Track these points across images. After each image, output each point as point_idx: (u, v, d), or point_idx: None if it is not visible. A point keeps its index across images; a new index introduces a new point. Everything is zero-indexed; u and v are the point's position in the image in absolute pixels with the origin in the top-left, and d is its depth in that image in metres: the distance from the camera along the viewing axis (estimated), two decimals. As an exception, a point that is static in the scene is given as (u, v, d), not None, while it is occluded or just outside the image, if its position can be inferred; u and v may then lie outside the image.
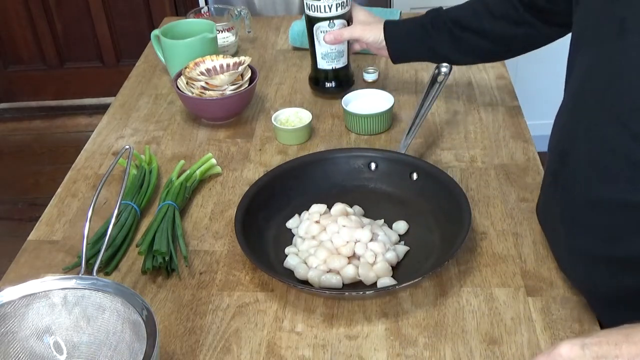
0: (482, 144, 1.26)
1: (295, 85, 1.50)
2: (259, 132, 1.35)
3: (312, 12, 1.17)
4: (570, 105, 0.90)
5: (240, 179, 1.22)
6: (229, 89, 1.33)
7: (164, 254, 1.01)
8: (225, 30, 1.60)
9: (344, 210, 1.06)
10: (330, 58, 1.21)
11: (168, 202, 1.10)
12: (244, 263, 1.03)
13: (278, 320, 0.93)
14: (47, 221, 1.15)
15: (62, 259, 1.07)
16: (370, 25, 1.26)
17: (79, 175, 1.26)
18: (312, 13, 1.17)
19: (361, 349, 0.89)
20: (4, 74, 3.19)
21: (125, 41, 3.06)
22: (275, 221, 1.09)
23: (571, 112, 0.89)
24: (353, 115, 1.30)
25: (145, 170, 1.19)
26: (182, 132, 1.36)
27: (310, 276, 0.97)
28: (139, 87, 1.54)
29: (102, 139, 1.36)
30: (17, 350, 0.84)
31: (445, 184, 1.08)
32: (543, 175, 1.00)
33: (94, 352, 0.85)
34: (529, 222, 1.07)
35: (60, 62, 3.15)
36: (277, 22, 1.80)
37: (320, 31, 1.18)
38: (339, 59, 1.23)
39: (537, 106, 2.15)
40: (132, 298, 0.82)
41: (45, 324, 0.85)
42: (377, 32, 1.25)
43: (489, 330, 0.90)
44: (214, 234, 1.10)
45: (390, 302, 0.95)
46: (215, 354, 0.89)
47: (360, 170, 1.16)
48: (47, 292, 0.84)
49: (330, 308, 0.95)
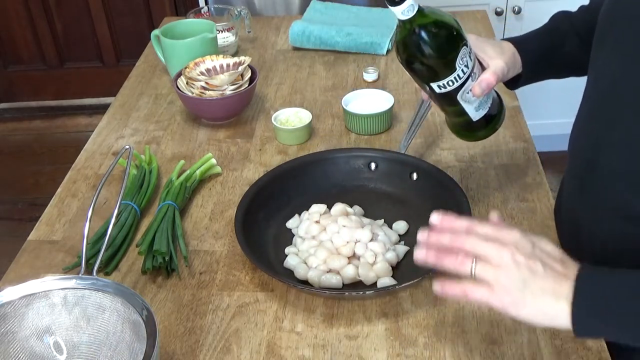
0: (482, 144, 1.26)
1: (295, 85, 1.50)
2: (259, 132, 1.35)
3: (451, 87, 0.92)
4: (597, 112, 0.88)
5: (240, 179, 1.22)
6: (229, 89, 1.33)
7: (164, 254, 1.01)
8: (225, 30, 1.60)
9: (344, 210, 1.06)
10: (484, 104, 0.98)
11: (168, 202, 1.10)
12: (244, 263, 1.03)
13: (278, 320, 0.93)
14: (47, 221, 1.15)
15: (62, 259, 1.07)
16: (503, 50, 1.00)
17: (79, 175, 1.26)
18: (451, 87, 0.93)
19: (361, 349, 0.89)
20: (4, 74, 3.19)
21: (125, 41, 3.06)
22: (275, 221, 1.09)
23: (599, 119, 0.87)
24: (353, 115, 1.30)
25: (145, 170, 1.19)
26: (182, 132, 1.36)
27: (310, 276, 0.97)
28: (139, 87, 1.54)
29: (102, 139, 1.36)
30: (17, 350, 0.84)
31: (445, 184, 1.08)
32: (564, 177, 0.99)
33: (94, 352, 0.85)
34: (529, 222, 1.07)
35: (60, 62, 3.15)
36: (277, 22, 1.80)
37: (467, 92, 0.95)
38: (489, 95, 0.99)
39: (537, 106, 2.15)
40: (132, 298, 0.82)
41: (45, 324, 0.85)
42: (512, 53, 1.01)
43: (489, 330, 0.90)
44: (214, 234, 1.10)
45: (390, 302, 0.95)
46: (215, 354, 0.89)
47: (360, 170, 1.16)
48: (47, 292, 0.84)
49: (330, 308, 0.95)
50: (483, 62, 0.97)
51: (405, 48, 0.91)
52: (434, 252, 0.75)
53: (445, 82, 0.92)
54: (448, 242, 0.74)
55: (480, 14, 1.75)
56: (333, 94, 1.45)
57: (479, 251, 0.72)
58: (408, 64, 0.93)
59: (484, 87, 0.94)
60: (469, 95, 0.95)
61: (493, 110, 1.00)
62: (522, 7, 2.36)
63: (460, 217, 0.77)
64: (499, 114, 1.02)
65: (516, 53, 1.01)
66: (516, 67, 1.01)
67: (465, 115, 0.98)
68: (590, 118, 0.90)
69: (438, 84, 0.92)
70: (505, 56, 0.98)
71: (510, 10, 2.37)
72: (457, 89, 0.93)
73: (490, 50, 0.98)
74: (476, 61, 0.95)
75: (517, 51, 1.01)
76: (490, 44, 0.99)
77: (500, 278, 0.70)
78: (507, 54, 0.99)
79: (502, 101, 1.03)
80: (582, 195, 0.91)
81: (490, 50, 0.98)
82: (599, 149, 0.87)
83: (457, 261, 0.72)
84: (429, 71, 0.92)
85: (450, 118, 1.03)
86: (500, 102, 1.03)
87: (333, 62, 1.59)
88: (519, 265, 0.70)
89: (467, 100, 0.95)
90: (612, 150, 0.84)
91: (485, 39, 1.00)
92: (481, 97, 0.95)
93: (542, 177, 1.17)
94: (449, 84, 0.92)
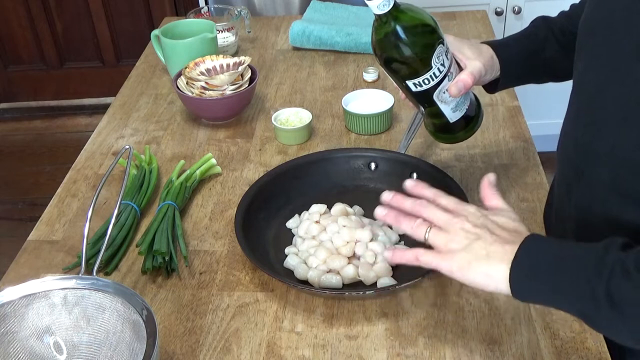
0: (482, 144, 1.26)
1: (295, 85, 1.50)
2: (259, 132, 1.35)
3: (427, 85, 0.92)
4: (581, 119, 0.87)
5: (240, 179, 1.22)
6: (229, 89, 1.33)
7: (164, 254, 1.01)
8: (225, 30, 1.60)
9: (344, 210, 1.06)
10: (461, 106, 0.98)
11: (168, 202, 1.10)
12: (244, 263, 1.03)
13: (278, 320, 0.93)
14: (47, 221, 1.15)
15: (62, 259, 1.07)
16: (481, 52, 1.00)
17: (79, 175, 1.26)
18: (427, 86, 0.93)
19: (361, 349, 0.89)
20: (4, 74, 3.19)
21: (125, 41, 3.06)
22: (275, 221, 1.09)
23: (584, 127, 0.87)
24: (353, 115, 1.30)
25: (145, 170, 1.19)
26: (182, 132, 1.36)
27: (310, 276, 0.97)
28: (139, 87, 1.54)
29: (102, 139, 1.36)
30: (17, 350, 0.84)
31: (445, 184, 1.08)
32: (553, 182, 0.99)
33: (94, 352, 0.85)
34: (529, 222, 1.07)
35: (60, 62, 3.15)
36: (277, 22, 1.80)
37: (443, 92, 0.94)
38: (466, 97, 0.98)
39: (537, 106, 2.16)
40: (132, 298, 0.82)
41: (45, 324, 0.85)
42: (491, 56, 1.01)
43: (489, 330, 0.90)
44: (214, 234, 1.10)
45: (390, 302, 0.95)
46: (215, 354, 0.89)
47: (360, 170, 1.16)
48: (47, 292, 0.84)
49: (330, 308, 0.95)
50: (461, 62, 0.97)
51: (381, 43, 0.92)
52: (394, 212, 0.81)
53: (421, 79, 0.92)
54: (409, 206, 0.80)
55: (480, 14, 1.75)
56: (333, 94, 1.45)
57: (434, 218, 0.78)
58: (384, 61, 0.93)
59: (460, 87, 0.94)
60: (445, 95, 0.95)
61: (470, 112, 1.01)
62: (522, 7, 2.36)
63: (430, 188, 0.83)
64: (476, 116, 1.03)
65: (494, 56, 1.01)
66: (494, 70, 1.01)
67: (442, 117, 0.99)
68: (575, 125, 0.90)
69: (414, 81, 0.93)
70: (483, 58, 0.99)
71: (510, 10, 2.37)
72: (433, 87, 0.93)
73: (468, 51, 0.98)
74: (453, 61, 0.95)
75: (495, 54, 1.01)
76: (469, 45, 0.99)
77: (449, 243, 0.75)
78: (485, 56, 0.99)
79: (479, 104, 1.04)
80: (570, 202, 0.91)
81: (468, 51, 0.98)
82: (585, 157, 0.86)
83: (414, 224, 0.78)
84: (404, 68, 0.92)
85: (428, 119, 1.03)
86: (478, 105, 1.03)
87: (333, 62, 1.59)
88: (467, 232, 0.75)
89: (443, 100, 0.96)
90: (598, 159, 0.83)
91: (464, 40, 1.00)
92: (458, 97, 0.96)
93: (542, 177, 1.17)
94: (425, 82, 0.92)
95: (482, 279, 0.73)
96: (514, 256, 0.71)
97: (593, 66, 0.85)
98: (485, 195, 0.82)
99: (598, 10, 0.84)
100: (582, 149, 0.87)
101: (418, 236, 0.78)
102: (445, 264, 0.75)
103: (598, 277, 0.66)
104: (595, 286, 0.66)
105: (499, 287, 0.72)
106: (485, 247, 0.73)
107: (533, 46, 1.05)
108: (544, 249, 0.72)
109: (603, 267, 0.66)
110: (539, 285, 0.71)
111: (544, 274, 0.70)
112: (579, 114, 0.88)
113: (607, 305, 0.65)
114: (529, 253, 0.71)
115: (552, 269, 0.70)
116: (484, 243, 0.73)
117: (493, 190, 0.81)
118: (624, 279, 0.65)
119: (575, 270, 0.68)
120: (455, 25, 1.69)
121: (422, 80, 0.92)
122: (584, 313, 0.68)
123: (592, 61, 0.85)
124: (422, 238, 0.78)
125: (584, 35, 0.88)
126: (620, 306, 0.65)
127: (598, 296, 0.65)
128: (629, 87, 0.77)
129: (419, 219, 0.79)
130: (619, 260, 0.66)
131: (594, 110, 0.84)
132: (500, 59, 1.01)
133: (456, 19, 1.72)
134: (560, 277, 0.69)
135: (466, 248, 0.74)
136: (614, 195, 0.81)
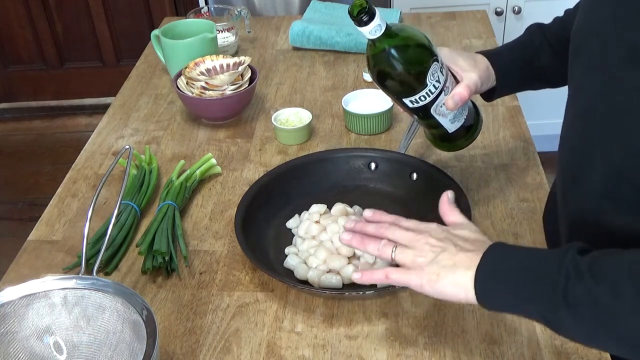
0: (482, 144, 1.26)
1: (295, 85, 1.50)
2: (259, 132, 1.35)
3: (423, 102, 0.93)
4: (579, 128, 0.87)
5: (240, 179, 1.22)
6: (229, 89, 1.33)
7: (164, 254, 1.01)
8: (225, 30, 1.60)
9: (344, 210, 1.06)
10: (459, 116, 0.98)
11: (168, 202, 1.10)
12: (244, 263, 1.03)
13: (278, 320, 0.93)
14: (47, 221, 1.15)
15: (62, 259, 1.07)
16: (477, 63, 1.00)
17: (79, 175, 1.26)
18: (424, 102, 0.93)
19: (361, 349, 0.89)
20: (4, 74, 3.19)
21: (125, 41, 3.06)
22: (275, 221, 1.09)
23: (582, 136, 0.86)
24: (353, 115, 1.30)
25: (145, 170, 1.19)
26: (182, 132, 1.36)
27: (310, 276, 0.97)
28: (139, 87, 1.54)
29: (102, 139, 1.36)
30: (17, 350, 0.84)
31: (445, 184, 1.08)
32: (553, 185, 0.99)
33: (94, 352, 0.85)
34: (529, 222, 1.07)
35: (60, 62, 3.15)
36: (277, 22, 1.80)
37: (440, 106, 0.95)
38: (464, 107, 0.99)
39: (537, 106, 2.15)
40: (132, 298, 0.82)
41: (45, 324, 0.85)
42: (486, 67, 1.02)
43: (489, 330, 0.90)
44: (214, 234, 1.10)
45: (390, 302, 0.95)
46: (215, 354, 0.89)
47: (360, 170, 1.16)
48: (47, 292, 0.84)
49: (330, 308, 0.95)
50: (457, 75, 0.98)
51: (375, 66, 0.93)
52: (359, 236, 0.84)
53: (417, 97, 0.93)
54: (373, 230, 0.83)
55: (480, 14, 1.75)
56: (333, 94, 1.45)
57: (399, 238, 0.80)
58: (379, 81, 0.94)
59: (457, 101, 0.95)
60: (442, 109, 0.96)
61: (469, 120, 1.01)
62: (522, 7, 2.36)
63: (389, 214, 0.86)
64: (475, 123, 1.03)
65: (490, 66, 1.01)
66: (490, 80, 1.02)
67: (441, 128, 1.00)
68: (572, 131, 0.89)
69: (410, 99, 0.94)
70: (478, 69, 0.99)
71: (510, 10, 2.37)
72: (430, 103, 0.94)
73: (464, 63, 0.99)
74: (449, 75, 0.96)
75: (490, 64, 1.02)
76: (464, 57, 1.00)
77: (416, 259, 0.77)
78: (480, 67, 1.00)
79: (478, 110, 1.04)
80: (565, 207, 0.91)
81: (463, 63, 0.99)
82: (580, 164, 0.86)
83: (380, 245, 0.81)
84: (399, 87, 0.94)
85: (427, 130, 1.04)
86: (477, 112, 1.04)
87: (333, 62, 1.59)
88: (432, 246, 0.77)
89: (441, 113, 0.97)
90: (590, 165, 0.83)
91: (459, 52, 1.01)
92: (455, 110, 0.97)
93: (542, 177, 1.17)
94: (421, 99, 0.93)
95: (451, 289, 0.74)
96: (479, 262, 0.73)
97: (587, 73, 0.85)
98: (444, 212, 0.85)
99: (590, 16, 0.84)
100: (577, 155, 0.87)
101: (385, 256, 0.81)
102: (414, 279, 0.77)
103: (556, 279, 0.67)
104: (554, 288, 0.67)
105: (467, 295, 0.74)
106: (451, 257, 0.75)
107: (528, 54, 1.05)
108: (507, 255, 0.74)
109: (560, 269, 0.68)
110: (502, 289, 0.72)
111: (506, 278, 0.72)
112: (575, 120, 0.88)
113: (564, 307, 0.67)
114: (493, 258, 0.74)
115: (514, 273, 0.71)
116: (449, 254, 0.76)
117: (452, 207, 0.85)
118: (577, 281, 0.66)
119: (536, 273, 0.70)
120: (455, 25, 1.69)
121: (417, 97, 0.93)
122: (545, 317, 0.69)
123: (586, 68, 0.85)
124: (389, 257, 0.80)
125: (577, 43, 0.88)
126: (575, 307, 0.66)
127: (556, 298, 0.67)
128: (621, 95, 0.77)
129: (384, 239, 0.81)
130: (574, 262, 0.67)
131: (588, 117, 0.84)
132: (495, 69, 1.02)
133: (456, 19, 1.72)
134: (522, 281, 0.71)
135: (433, 260, 0.76)
136: (607, 202, 0.82)
